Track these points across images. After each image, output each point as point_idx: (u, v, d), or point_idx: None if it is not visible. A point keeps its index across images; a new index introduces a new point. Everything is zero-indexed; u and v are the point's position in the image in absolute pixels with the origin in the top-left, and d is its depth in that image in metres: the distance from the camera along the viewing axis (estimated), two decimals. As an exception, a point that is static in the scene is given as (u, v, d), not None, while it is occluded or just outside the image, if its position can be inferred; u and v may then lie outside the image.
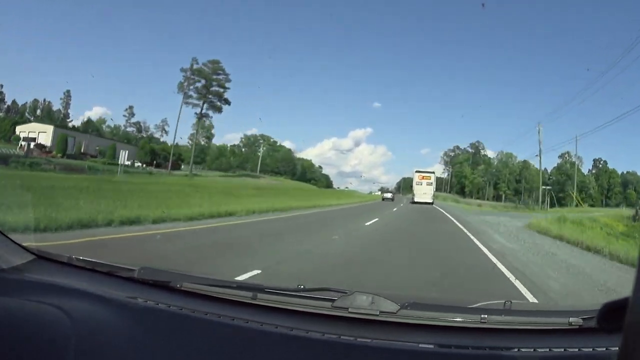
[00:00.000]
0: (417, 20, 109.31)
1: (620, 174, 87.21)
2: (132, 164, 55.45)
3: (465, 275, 6.39)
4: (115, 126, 78.13)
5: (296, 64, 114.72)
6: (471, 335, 1.27)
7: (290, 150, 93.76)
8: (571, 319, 1.26)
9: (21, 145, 48.15)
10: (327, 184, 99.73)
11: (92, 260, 1.60)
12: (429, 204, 40.57)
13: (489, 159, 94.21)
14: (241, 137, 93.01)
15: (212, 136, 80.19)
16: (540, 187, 50.49)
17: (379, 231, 12.34)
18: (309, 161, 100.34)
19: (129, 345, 1.19)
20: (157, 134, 75.76)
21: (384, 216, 19.00)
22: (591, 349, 1.16)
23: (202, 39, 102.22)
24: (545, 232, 14.66)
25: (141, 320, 1.30)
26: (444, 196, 78.73)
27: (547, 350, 1.18)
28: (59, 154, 50.76)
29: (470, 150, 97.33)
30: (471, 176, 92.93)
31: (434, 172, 48.23)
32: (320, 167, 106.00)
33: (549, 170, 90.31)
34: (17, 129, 54.70)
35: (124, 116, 76.49)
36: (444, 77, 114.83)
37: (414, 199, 44.15)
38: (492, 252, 8.85)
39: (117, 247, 6.67)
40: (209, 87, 61.16)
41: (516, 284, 5.75)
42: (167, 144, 71.59)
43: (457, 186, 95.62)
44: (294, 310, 1.38)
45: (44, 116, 71.04)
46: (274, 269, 5.73)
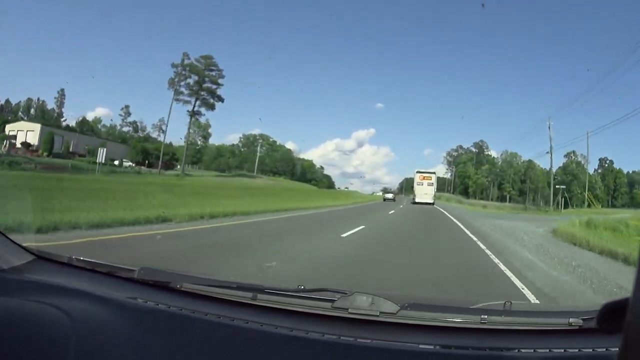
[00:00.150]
0: (420, 20, 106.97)
1: (626, 173, 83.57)
2: (120, 163, 53.08)
3: None
4: (111, 126, 75.25)
5: (298, 65, 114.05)
6: (471, 335, 1.26)
7: (289, 150, 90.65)
8: (571, 320, 1.25)
9: (5, 143, 45.53)
10: (329, 185, 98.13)
11: (92, 260, 1.61)
12: (430, 204, 39.85)
13: (493, 158, 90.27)
14: (240, 137, 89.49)
15: (209, 135, 77.03)
16: (552, 186, 46.45)
17: (353, 247, 8.55)
18: (309, 161, 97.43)
19: (129, 345, 1.19)
20: (154, 134, 72.27)
21: (374, 221, 15.52)
22: (591, 350, 1.15)
23: (203, 39, 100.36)
24: (583, 245, 10.75)
25: (141, 320, 1.30)
26: (447, 197, 75.65)
27: (547, 351, 1.18)
28: (45, 153, 48.12)
29: (473, 149, 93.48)
30: (475, 176, 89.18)
31: (434, 173, 47.54)
32: (321, 168, 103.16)
33: (554, 170, 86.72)
34: (7, 128, 53.47)
35: (120, 115, 73.71)
36: (446, 77, 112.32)
37: (414, 199, 43.46)
38: (538, 292, 5.02)
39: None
40: (201, 83, 57.08)
41: None
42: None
43: (460, 186, 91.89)
44: (293, 310, 1.37)
45: (38, 115, 68.31)
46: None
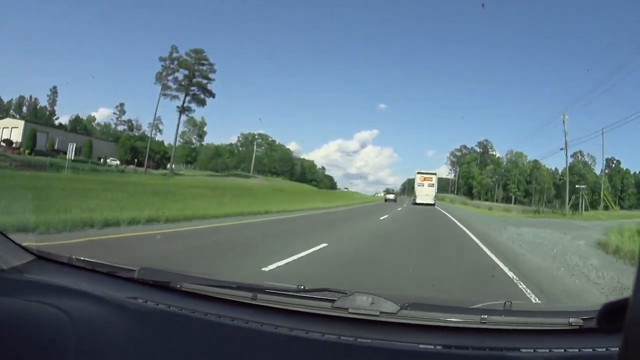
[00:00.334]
0: (421, 20, 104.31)
1: (633, 174, 79.71)
2: (104, 161, 51.67)
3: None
4: (105, 124, 72.07)
5: (300, 66, 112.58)
6: (471, 335, 1.26)
7: (289, 150, 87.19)
8: (571, 320, 1.24)
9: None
10: (331, 185, 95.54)
11: (92, 260, 1.60)
12: (431, 205, 39.36)
13: (498, 158, 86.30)
14: (238, 136, 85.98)
15: (204, 134, 73.76)
16: (567, 186, 42.45)
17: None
18: (310, 162, 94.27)
19: (129, 345, 1.19)
20: (150, 133, 68.77)
21: (351, 234, 11.35)
22: (591, 350, 1.15)
23: (204, 39, 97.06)
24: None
25: (141, 320, 1.30)
26: (450, 198, 72.01)
27: (547, 350, 1.17)
28: (27, 150, 44.68)
29: (478, 149, 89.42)
30: (479, 177, 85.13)
31: (435, 174, 46.65)
32: (323, 168, 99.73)
33: (560, 170, 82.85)
34: (-6, 125, 50.59)
35: (114, 114, 70.26)
36: (449, 77, 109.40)
37: (415, 200, 42.77)
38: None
39: None
40: (191, 78, 53.44)
41: None
42: (163, 143, 65.06)
43: (464, 187, 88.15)
44: (294, 310, 1.37)
45: (30, 113, 65.24)
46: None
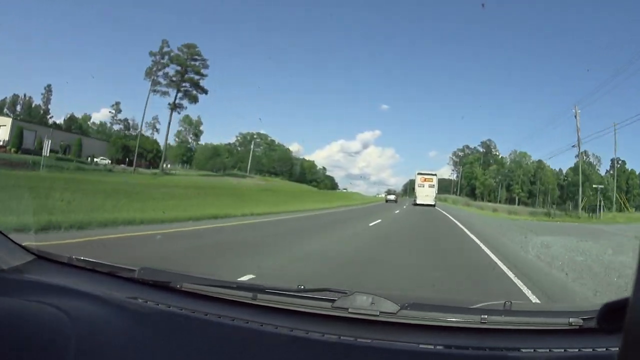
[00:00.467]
0: (424, 21, 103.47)
1: (638, 174, 77.29)
2: (92, 160, 50.83)
3: None
4: (101, 123, 69.28)
5: (302, 66, 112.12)
6: (471, 335, 1.26)
7: (288, 149, 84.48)
8: (571, 320, 1.24)
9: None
10: (332, 186, 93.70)
11: (92, 260, 1.60)
12: (431, 205, 39.60)
13: (501, 158, 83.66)
14: (237, 136, 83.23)
15: (201, 133, 71.07)
16: (580, 186, 39.84)
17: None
18: (310, 162, 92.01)
19: (129, 345, 1.19)
20: (147, 132, 66.42)
21: (326, 249, 8.23)
22: (591, 350, 1.15)
23: (204, 39, 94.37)
24: None
25: (141, 320, 1.30)
26: (453, 199, 69.46)
27: (547, 350, 1.17)
28: (13, 149, 41.91)
29: (481, 149, 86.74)
30: (482, 177, 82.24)
31: (436, 174, 46.40)
32: (323, 169, 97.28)
33: (564, 170, 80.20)
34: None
35: (110, 112, 67.34)
36: (452, 78, 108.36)
37: (416, 201, 42.70)
38: None
39: None
40: (183, 74, 50.69)
41: None
42: (157, 142, 62.48)
43: (466, 188, 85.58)
44: (294, 310, 1.36)
45: (24, 112, 62.62)
46: None
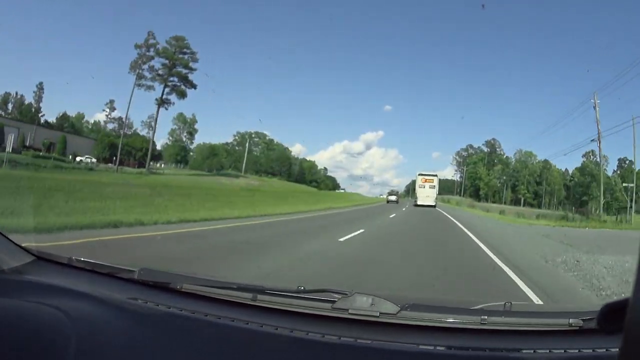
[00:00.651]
0: (427, 21, 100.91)
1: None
2: (73, 158, 49.59)
3: None
4: (95, 122, 67.04)
5: (306, 68, 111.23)
6: (471, 336, 1.25)
7: (287, 149, 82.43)
8: (571, 320, 1.23)
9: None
10: (333, 186, 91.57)
11: (92, 261, 1.59)
12: (432, 206, 39.87)
13: (506, 158, 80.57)
14: (234, 135, 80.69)
15: (195, 132, 68.67)
16: (601, 186, 37.11)
17: None
18: (310, 162, 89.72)
19: (129, 346, 1.19)
20: (143, 131, 64.31)
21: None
22: (591, 350, 1.14)
23: (205, 39, 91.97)
24: None
25: (141, 321, 1.30)
26: (456, 200, 66.72)
27: (547, 351, 1.16)
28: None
29: (485, 149, 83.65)
30: (487, 177, 79.11)
31: (436, 175, 46.48)
32: (325, 169, 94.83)
33: (570, 171, 77.13)
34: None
35: (104, 111, 65.11)
36: (454, 78, 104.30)
37: (416, 202, 42.87)
38: None
39: None
40: (171, 67, 47.94)
41: None
42: (147, 140, 59.73)
43: (470, 189, 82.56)
44: (294, 311, 1.36)
45: (16, 110, 60.44)
46: None
